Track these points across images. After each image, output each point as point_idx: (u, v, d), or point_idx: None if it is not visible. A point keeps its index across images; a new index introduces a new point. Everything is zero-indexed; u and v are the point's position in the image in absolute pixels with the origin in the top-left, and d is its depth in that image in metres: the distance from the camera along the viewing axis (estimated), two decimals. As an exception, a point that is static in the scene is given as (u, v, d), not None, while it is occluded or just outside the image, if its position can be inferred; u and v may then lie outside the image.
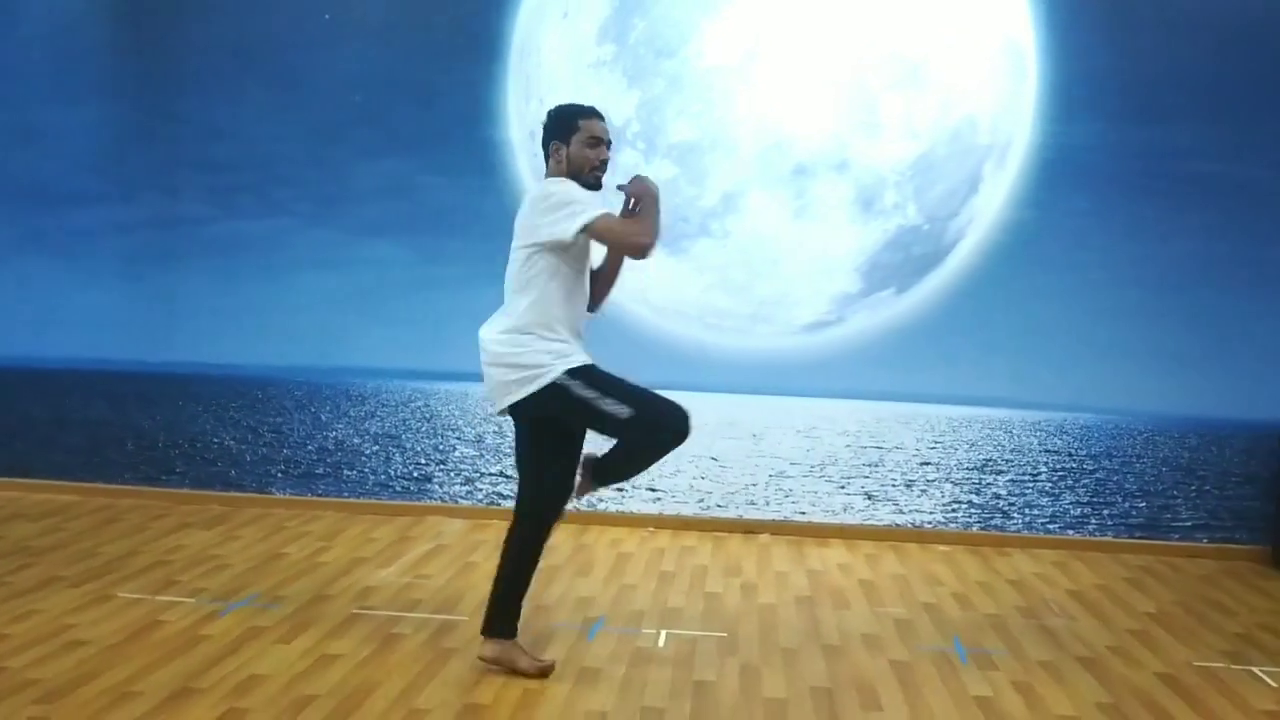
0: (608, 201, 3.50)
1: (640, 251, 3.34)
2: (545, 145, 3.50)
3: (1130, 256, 5.34)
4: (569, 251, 3.35)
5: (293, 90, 5.68)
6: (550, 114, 3.54)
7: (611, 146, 3.53)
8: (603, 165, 3.49)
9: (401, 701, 3.21)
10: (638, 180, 3.43)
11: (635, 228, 3.34)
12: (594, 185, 3.46)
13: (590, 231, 3.31)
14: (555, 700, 3.26)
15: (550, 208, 3.31)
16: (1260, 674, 3.70)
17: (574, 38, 5.56)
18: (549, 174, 3.50)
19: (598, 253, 3.61)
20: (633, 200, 3.45)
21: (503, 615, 3.42)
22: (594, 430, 3.42)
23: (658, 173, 5.50)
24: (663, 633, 3.92)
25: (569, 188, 3.37)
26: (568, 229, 3.27)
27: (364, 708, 3.15)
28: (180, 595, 4.16)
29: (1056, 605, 4.43)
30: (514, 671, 3.39)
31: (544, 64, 5.58)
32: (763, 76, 5.42)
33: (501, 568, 3.46)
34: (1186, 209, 5.30)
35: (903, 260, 5.48)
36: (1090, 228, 5.35)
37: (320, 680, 3.35)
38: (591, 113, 3.50)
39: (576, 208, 3.29)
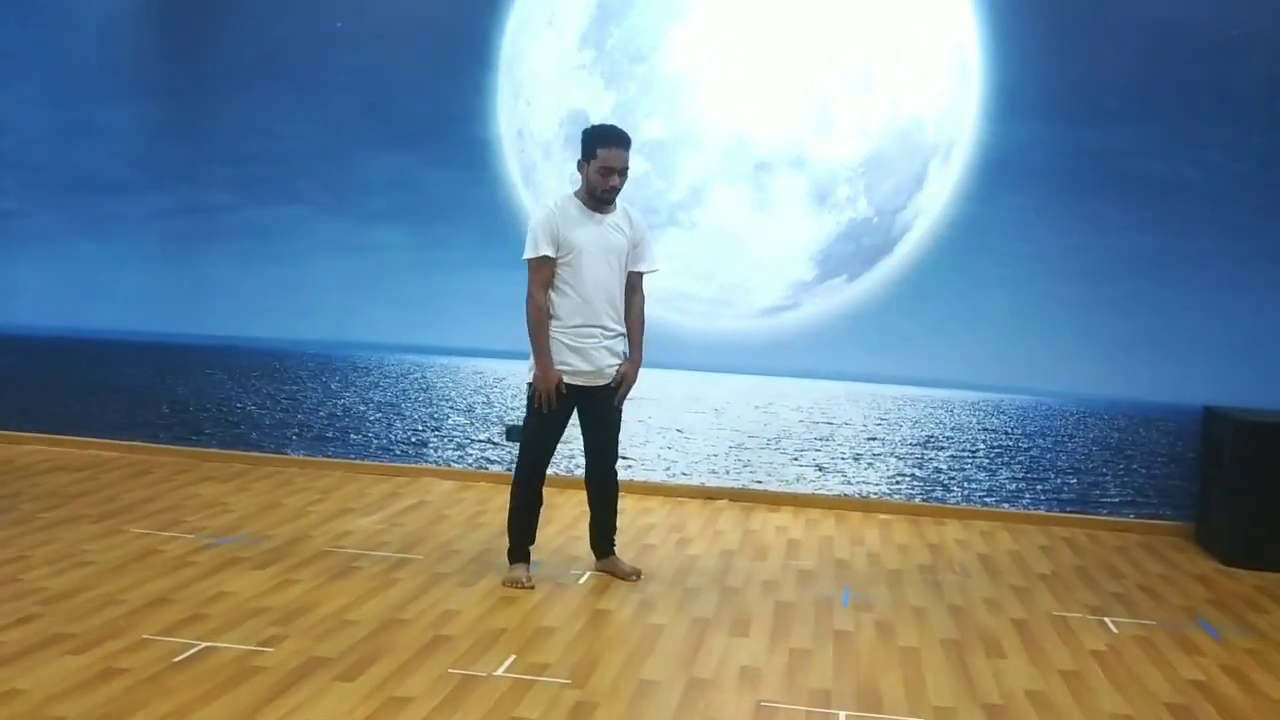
0: (627, 215, 4.38)
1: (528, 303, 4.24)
2: (583, 150, 4.20)
3: (1066, 249, 5.73)
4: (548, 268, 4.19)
5: (308, 91, 6.32)
6: (584, 133, 4.24)
7: (625, 173, 4.22)
8: (612, 190, 4.18)
9: (337, 614, 3.81)
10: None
11: (532, 291, 4.25)
12: (605, 202, 4.22)
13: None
14: (467, 618, 3.83)
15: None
16: (1110, 623, 4.13)
17: (557, 44, 6.11)
18: (579, 184, 4.27)
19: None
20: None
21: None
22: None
23: (631, 168, 6.05)
24: (587, 573, 4.46)
25: (540, 218, 4.20)
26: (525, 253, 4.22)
27: (305, 618, 3.76)
28: (182, 532, 4.82)
29: (959, 565, 4.88)
30: None
31: (530, 68, 6.15)
32: (726, 79, 5.92)
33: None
34: (1119, 205, 5.66)
35: (854, 250, 5.94)
36: (1028, 222, 5.75)
37: (277, 597, 3.97)
38: (612, 141, 4.15)
39: (529, 241, 4.21)
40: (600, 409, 4.28)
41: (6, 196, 6.68)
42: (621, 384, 4.28)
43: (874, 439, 6.02)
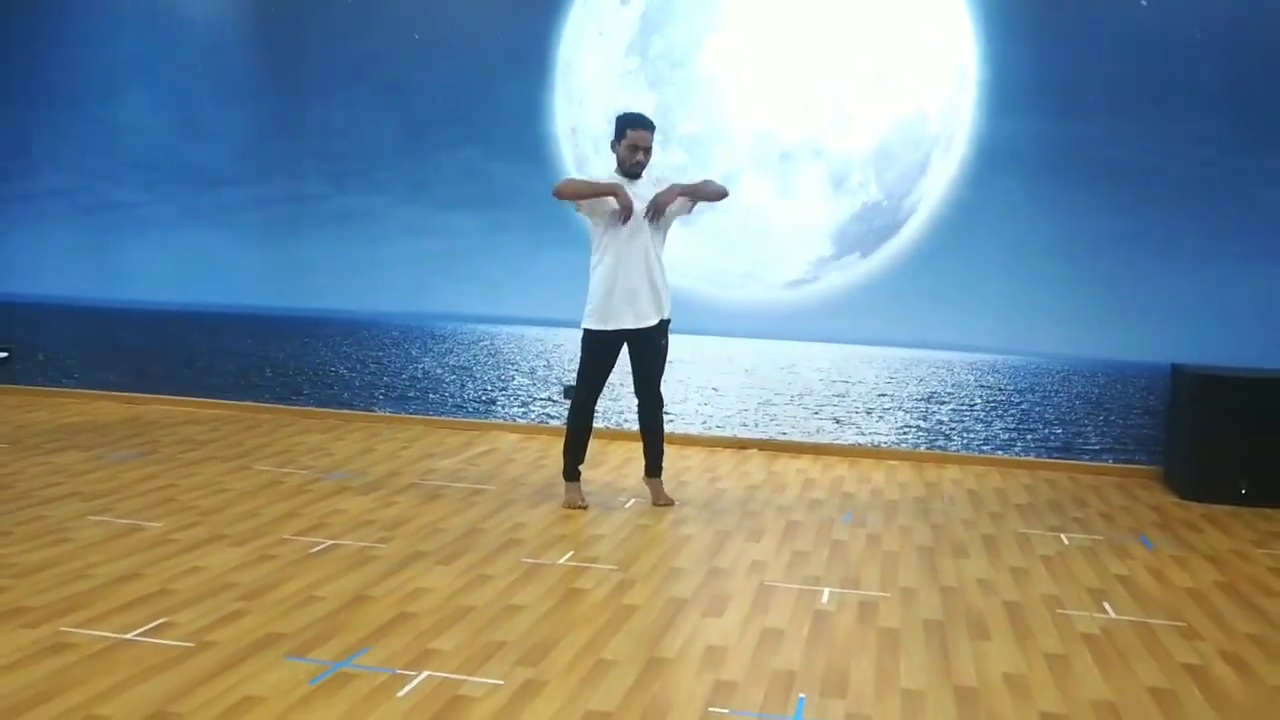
0: (650, 179, 5.26)
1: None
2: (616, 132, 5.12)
3: (1053, 227, 6.54)
4: (590, 219, 5.14)
5: (391, 94, 7.29)
6: (616, 118, 5.16)
7: (649, 151, 5.11)
8: (638, 165, 5.09)
9: (432, 525, 4.78)
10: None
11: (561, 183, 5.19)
12: (633, 175, 5.11)
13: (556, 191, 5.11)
14: (534, 528, 4.79)
15: None
16: (1063, 537, 4.98)
17: (606, 52, 7.03)
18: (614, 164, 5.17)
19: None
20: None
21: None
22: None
23: (671, 159, 6.96)
24: (632, 500, 5.40)
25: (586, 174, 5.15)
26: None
27: (406, 526, 4.73)
28: (296, 469, 5.82)
29: (948, 497, 5.75)
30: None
31: (582, 74, 7.07)
32: (753, 82, 6.80)
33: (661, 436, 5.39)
34: (1099, 190, 6.46)
35: (866, 230, 6.80)
36: (1019, 205, 6.57)
37: (381, 514, 4.95)
38: (637, 124, 5.07)
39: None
40: (646, 345, 5.18)
41: (133, 189, 7.73)
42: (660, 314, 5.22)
43: (884, 395, 6.88)
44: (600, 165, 7.05)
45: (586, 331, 5.16)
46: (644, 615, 3.72)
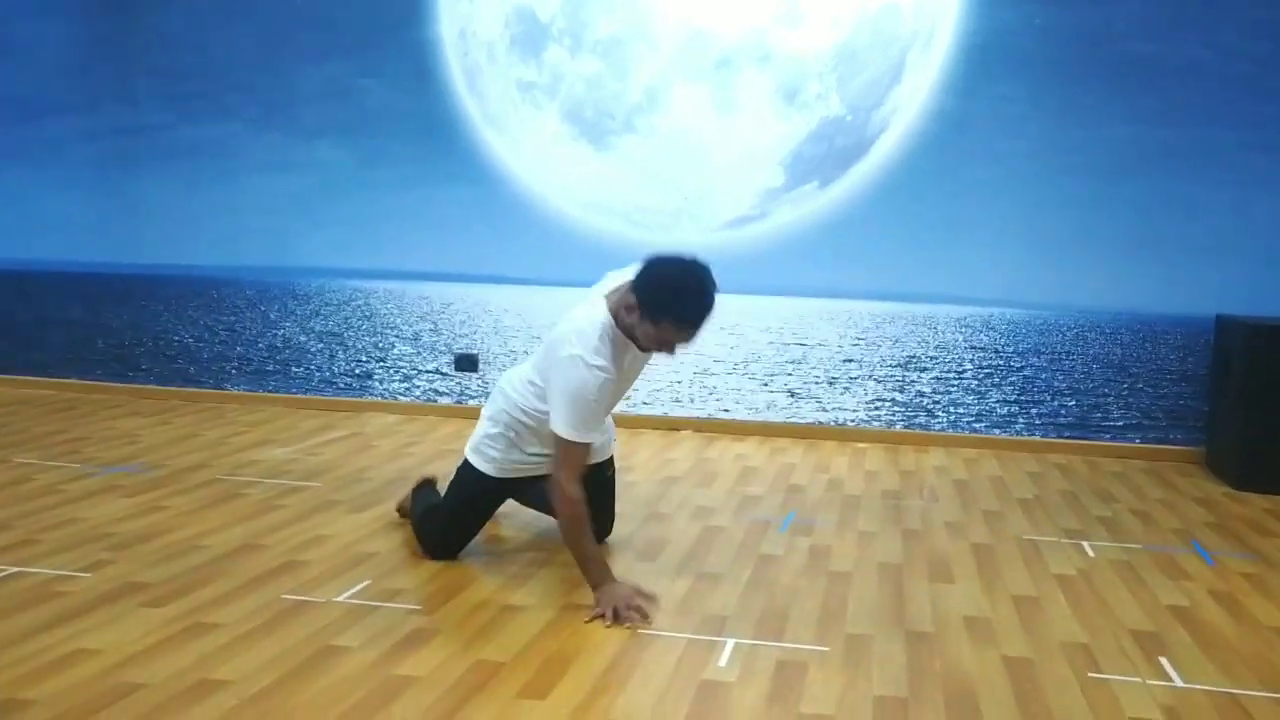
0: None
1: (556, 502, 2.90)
2: (636, 291, 2.90)
3: (1062, 145, 5.11)
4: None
5: (237, -3, 5.85)
6: (662, 282, 2.91)
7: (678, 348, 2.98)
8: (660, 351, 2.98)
9: (186, 541, 3.36)
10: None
11: (565, 484, 2.84)
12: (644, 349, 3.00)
13: (558, 442, 2.87)
14: (346, 534, 3.36)
15: (561, 386, 2.86)
16: (1087, 546, 3.57)
17: (499, -66, 5.57)
18: (610, 309, 2.94)
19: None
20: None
21: None
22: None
23: (582, 69, 5.53)
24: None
25: (594, 386, 2.83)
26: (554, 422, 2.87)
27: (145, 546, 3.30)
28: (69, 463, 4.39)
29: (929, 489, 4.33)
30: None
31: (470, -38, 5.61)
32: (680, -34, 5.35)
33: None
34: (1123, 94, 5.03)
35: (825, 153, 5.37)
36: (1019, 116, 5.14)
37: (125, 527, 3.51)
38: (689, 322, 2.90)
39: (571, 412, 2.83)
40: (600, 479, 3.32)
41: (-75, 119, 6.28)
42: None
43: (850, 360, 5.46)
44: (496, 79, 5.61)
45: None
46: (418, 698, 2.29)
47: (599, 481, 3.24)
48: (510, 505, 3.50)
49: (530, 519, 3.65)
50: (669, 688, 2.36)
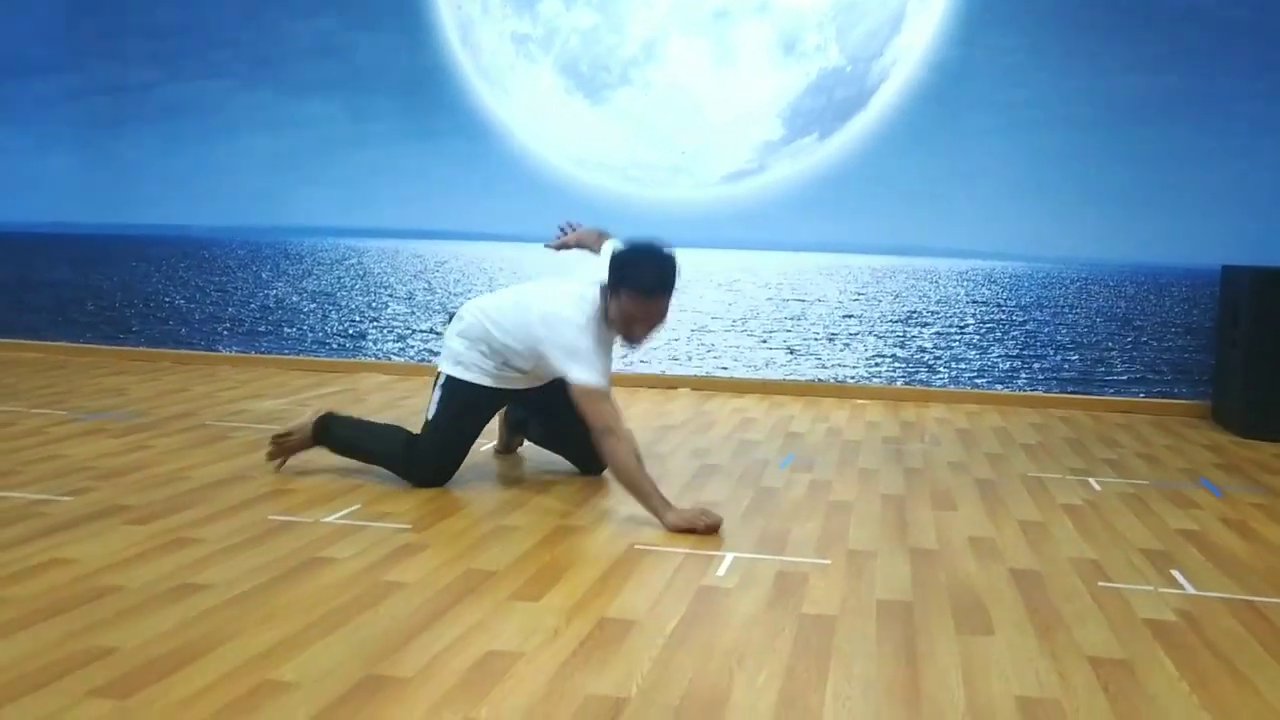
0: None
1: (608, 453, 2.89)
2: (607, 269, 2.98)
3: (1066, 94, 5.04)
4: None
5: (228, -49, 5.76)
6: (623, 255, 2.98)
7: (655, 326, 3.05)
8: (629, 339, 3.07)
9: (173, 472, 3.27)
10: None
11: (615, 426, 2.87)
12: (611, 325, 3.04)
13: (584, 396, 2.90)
14: (339, 465, 3.28)
15: (565, 345, 2.94)
16: (1093, 482, 3.49)
17: (493, -115, 5.50)
18: (593, 303, 3.00)
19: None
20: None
21: None
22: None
23: (578, 22, 5.45)
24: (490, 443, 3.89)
25: (592, 335, 2.96)
26: (574, 379, 2.91)
27: (130, 477, 3.21)
28: (55, 410, 4.30)
29: (930, 435, 4.25)
30: None
31: (464, -87, 5.53)
32: (677, -85, 5.28)
33: None
34: (1128, 41, 4.97)
35: (825, 105, 5.29)
36: (1022, 65, 5.07)
37: (112, 462, 3.43)
38: (645, 290, 2.94)
39: (592, 361, 2.92)
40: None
41: (-89, 77, 6.19)
42: None
43: (850, 316, 5.38)
44: (489, 31, 5.54)
45: None
46: (405, 600, 2.20)
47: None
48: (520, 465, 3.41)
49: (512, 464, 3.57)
50: (665, 593, 2.28)
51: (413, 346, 5.77)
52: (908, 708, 1.76)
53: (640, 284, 2.93)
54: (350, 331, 5.84)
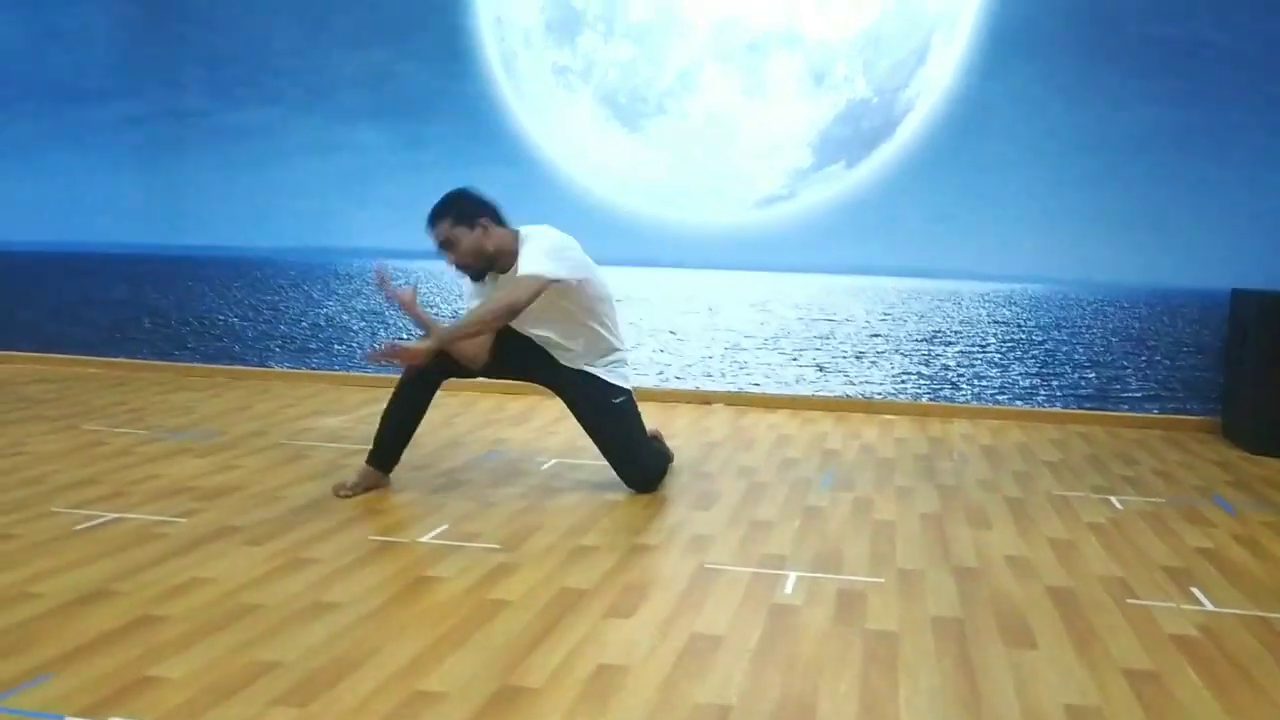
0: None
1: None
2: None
3: (1082, 124, 5.31)
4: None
5: (281, -15, 6.04)
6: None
7: (446, 246, 3.58)
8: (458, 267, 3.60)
9: (267, 493, 3.55)
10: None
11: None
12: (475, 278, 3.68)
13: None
14: (418, 486, 3.56)
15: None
16: (1115, 500, 3.77)
17: (536, -76, 5.77)
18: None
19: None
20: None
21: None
22: None
23: (616, 55, 5.72)
24: (553, 460, 4.18)
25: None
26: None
27: (231, 498, 3.50)
28: (135, 429, 4.59)
29: (958, 453, 4.53)
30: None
31: (508, -49, 5.81)
32: (713, -46, 5.55)
33: None
34: (1137, 75, 5.23)
35: (852, 133, 5.56)
36: (1040, 97, 5.33)
37: (208, 482, 3.72)
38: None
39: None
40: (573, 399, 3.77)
41: (-23, 105, 6.48)
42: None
43: (877, 335, 5.66)
44: (530, 62, 5.82)
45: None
46: (514, 616, 2.49)
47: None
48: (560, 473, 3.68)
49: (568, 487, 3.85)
50: (741, 609, 2.56)
51: (457, 362, 6.04)
52: (972, 715, 2.04)
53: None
54: (397, 348, 6.11)
